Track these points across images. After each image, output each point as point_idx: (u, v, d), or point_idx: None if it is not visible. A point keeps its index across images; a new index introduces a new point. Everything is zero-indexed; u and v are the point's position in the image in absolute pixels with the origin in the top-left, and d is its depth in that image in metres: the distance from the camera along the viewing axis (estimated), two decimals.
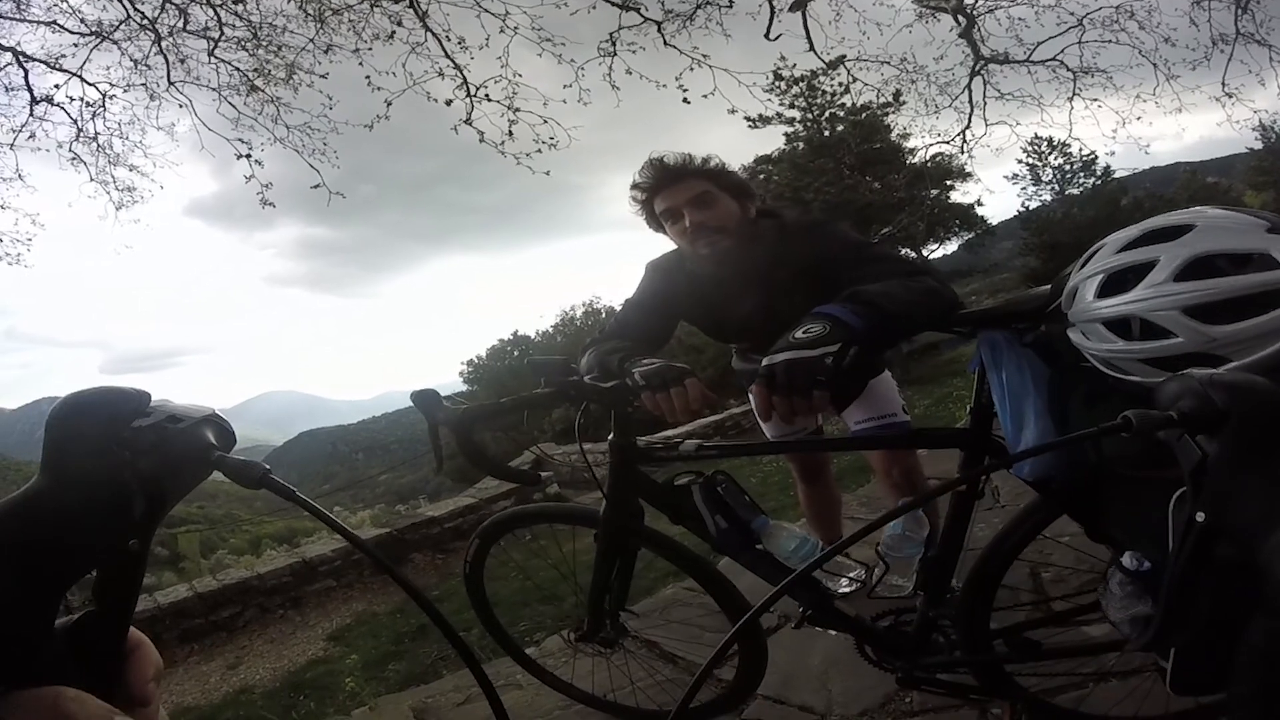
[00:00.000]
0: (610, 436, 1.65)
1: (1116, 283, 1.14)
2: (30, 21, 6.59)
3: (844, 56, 8.74)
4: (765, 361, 1.31)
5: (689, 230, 1.86)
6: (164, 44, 6.81)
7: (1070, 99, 8.59)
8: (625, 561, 1.84)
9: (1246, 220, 1.08)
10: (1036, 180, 27.64)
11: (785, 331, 1.36)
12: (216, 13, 6.77)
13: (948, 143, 9.95)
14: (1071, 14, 8.03)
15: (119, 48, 6.84)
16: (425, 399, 1.52)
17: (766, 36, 7.87)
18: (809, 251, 1.84)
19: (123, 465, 0.42)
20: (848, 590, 2.47)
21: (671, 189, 1.88)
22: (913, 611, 1.69)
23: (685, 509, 1.66)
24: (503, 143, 7.31)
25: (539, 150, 7.27)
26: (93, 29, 6.69)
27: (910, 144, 16.96)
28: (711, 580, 1.80)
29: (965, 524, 1.61)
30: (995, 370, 1.47)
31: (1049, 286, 1.37)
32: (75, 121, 7.20)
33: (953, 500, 1.62)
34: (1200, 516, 0.57)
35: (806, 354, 1.28)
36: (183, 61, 7.03)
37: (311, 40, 7.06)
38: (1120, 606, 1.26)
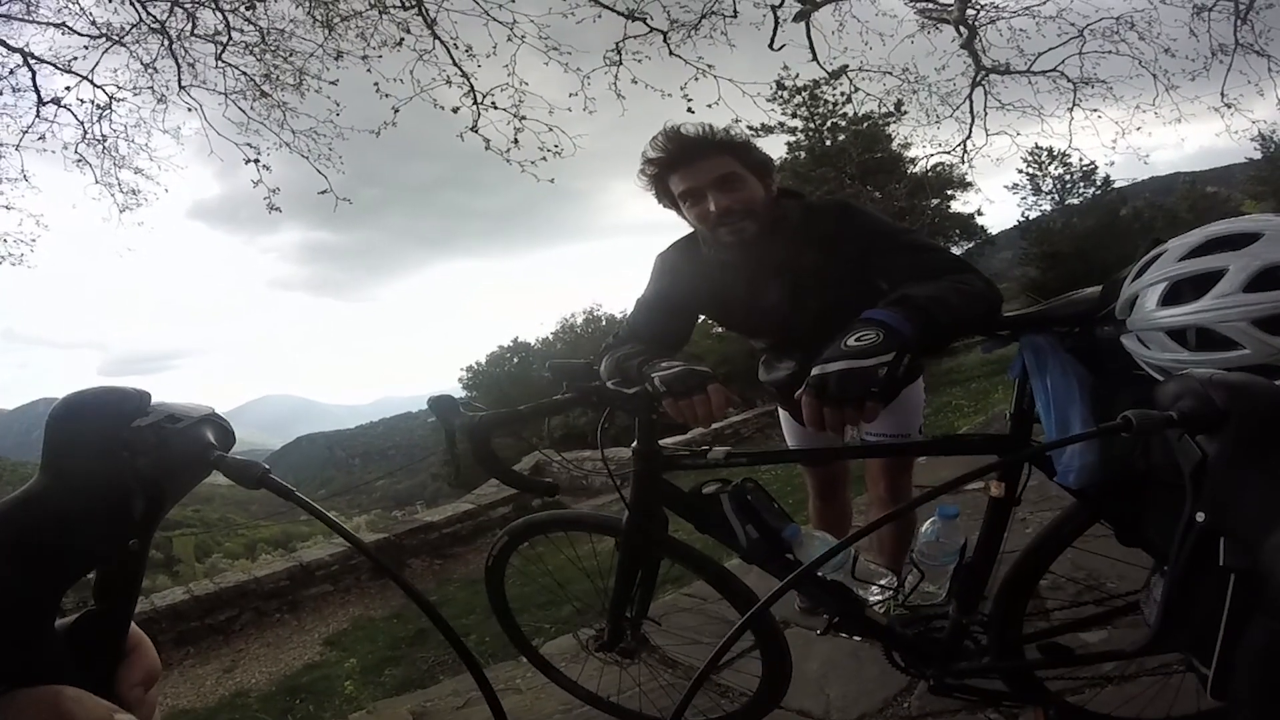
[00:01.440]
0: (634, 444, 1.60)
1: (1177, 291, 1.13)
2: (39, 23, 6.62)
3: (846, 66, 8.78)
4: (816, 370, 1.27)
5: (713, 215, 1.69)
6: (174, 47, 6.85)
7: (1070, 109, 8.63)
8: (648, 571, 1.78)
9: None
10: (1036, 190, 27.62)
11: (811, 325, 1.32)
12: (225, 17, 6.80)
13: (949, 153, 10.01)
14: (1072, 25, 8.08)
15: (128, 50, 6.88)
16: (442, 405, 1.48)
17: (770, 47, 7.92)
18: (836, 235, 1.72)
19: (123, 465, 0.42)
20: (879, 598, 2.44)
21: (692, 167, 1.69)
22: (944, 618, 1.65)
23: (713, 518, 1.60)
24: (508, 150, 7.33)
25: (544, 158, 7.28)
26: (102, 31, 6.73)
27: (911, 154, 16.92)
28: (733, 591, 1.75)
29: (1002, 531, 1.57)
30: (1039, 375, 1.43)
31: (1097, 289, 1.34)
32: (82, 124, 7.24)
33: (989, 507, 1.58)
34: (1200, 516, 0.56)
35: (861, 364, 1.24)
36: (192, 65, 7.08)
37: (321, 46, 7.12)
38: None
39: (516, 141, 7.29)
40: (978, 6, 8.19)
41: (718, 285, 1.85)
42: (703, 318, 2.11)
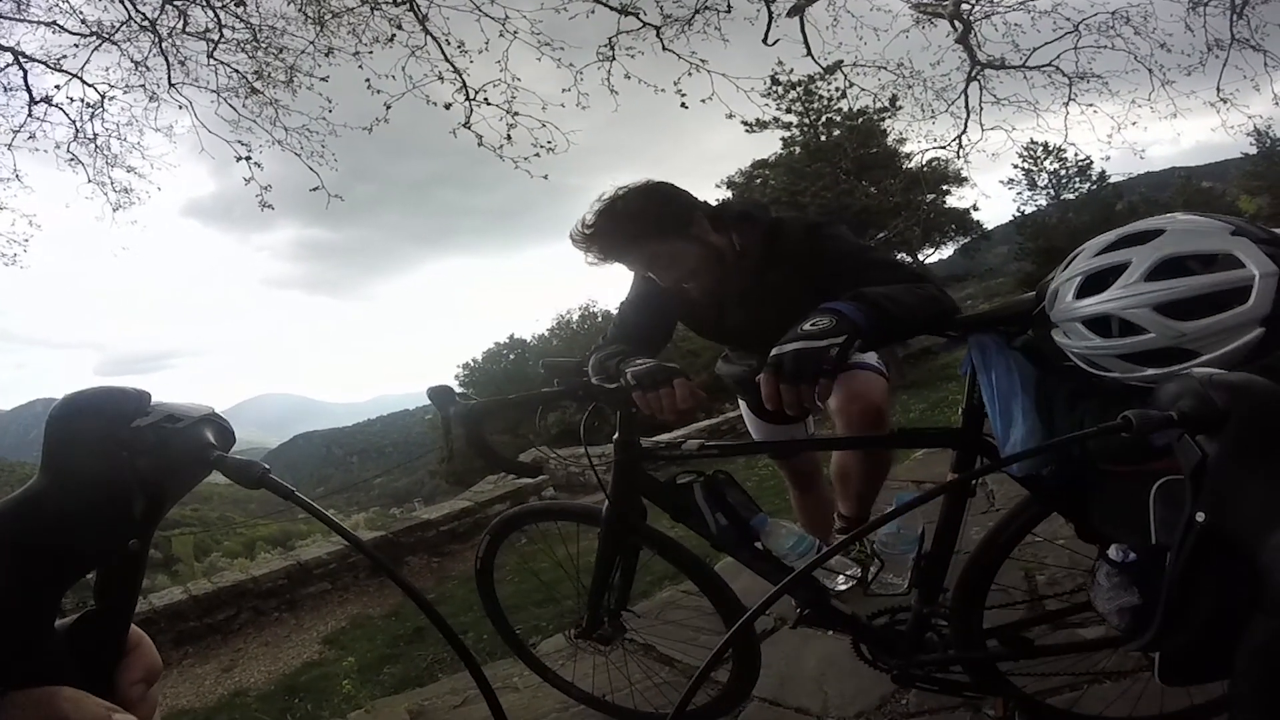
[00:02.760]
0: (615, 436, 1.70)
1: (1094, 284, 1.22)
2: (30, 21, 6.59)
3: (841, 61, 8.78)
4: (774, 351, 1.36)
5: (663, 285, 1.84)
6: (164, 45, 6.82)
7: (1066, 104, 8.65)
8: (627, 560, 1.86)
9: (1213, 224, 1.17)
10: (1032, 185, 27.69)
11: (774, 336, 1.41)
12: (216, 14, 6.78)
13: (944, 148, 9.99)
14: (1068, 20, 8.09)
15: (119, 48, 6.85)
16: (439, 394, 1.60)
17: (764, 41, 7.90)
18: (808, 255, 1.80)
19: (123, 465, 0.42)
20: (844, 588, 2.49)
21: (624, 260, 1.83)
22: (907, 610, 1.71)
23: (687, 507, 1.69)
24: (501, 146, 7.30)
25: (537, 154, 7.25)
26: (93, 29, 6.70)
27: (906, 149, 16.87)
28: (708, 582, 1.80)
29: (958, 521, 1.64)
30: (985, 372, 1.51)
31: (1035, 292, 1.42)
32: (74, 123, 7.21)
33: (946, 498, 1.64)
34: (1200, 516, 0.56)
35: (814, 344, 1.33)
36: (183, 63, 7.06)
37: (312, 43, 7.09)
38: (1108, 598, 1.29)
39: (510, 138, 7.27)
40: (972, 1, 8.20)
41: (688, 301, 1.95)
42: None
